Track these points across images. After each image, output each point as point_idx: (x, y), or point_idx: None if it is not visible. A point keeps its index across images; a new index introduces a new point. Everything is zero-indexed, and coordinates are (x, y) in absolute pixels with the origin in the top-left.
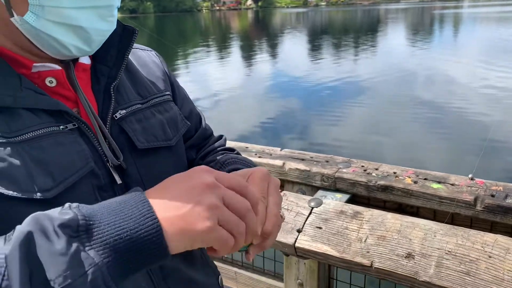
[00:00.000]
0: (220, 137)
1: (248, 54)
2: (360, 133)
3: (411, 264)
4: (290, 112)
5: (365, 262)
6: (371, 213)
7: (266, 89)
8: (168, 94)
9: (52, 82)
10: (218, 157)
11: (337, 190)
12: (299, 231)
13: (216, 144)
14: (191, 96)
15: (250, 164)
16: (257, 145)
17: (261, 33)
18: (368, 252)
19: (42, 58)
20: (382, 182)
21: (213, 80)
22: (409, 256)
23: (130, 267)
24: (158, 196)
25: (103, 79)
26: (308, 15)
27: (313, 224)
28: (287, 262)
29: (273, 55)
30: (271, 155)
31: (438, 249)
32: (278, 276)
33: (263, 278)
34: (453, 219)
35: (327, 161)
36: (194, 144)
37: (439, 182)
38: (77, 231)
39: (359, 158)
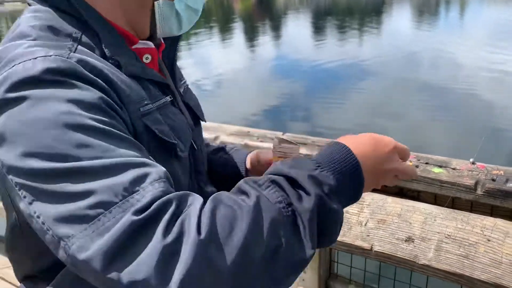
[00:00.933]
0: None
1: (251, 36)
2: (363, 117)
3: (410, 248)
4: (293, 96)
5: (365, 245)
6: (372, 197)
7: (269, 72)
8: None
9: (148, 58)
10: (220, 145)
11: None
12: None
13: None
14: (193, 79)
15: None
16: (259, 130)
17: (264, 15)
18: (368, 235)
19: (140, 37)
20: None
21: (215, 63)
22: (409, 239)
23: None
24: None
25: (166, 60)
26: None
27: None
28: None
29: (276, 37)
30: (273, 139)
31: (438, 233)
32: None
33: None
34: (454, 203)
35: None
36: None
37: (440, 167)
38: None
39: None
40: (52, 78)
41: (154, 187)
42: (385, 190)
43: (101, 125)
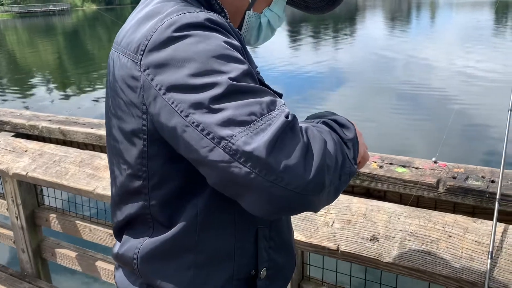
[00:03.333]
0: None
1: None
2: None
3: (375, 247)
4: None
5: (332, 246)
6: (337, 198)
7: None
8: None
9: None
10: None
11: None
12: None
13: None
14: None
15: None
16: None
17: None
18: (334, 236)
19: None
20: None
21: None
22: (373, 238)
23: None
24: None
25: None
26: None
27: None
28: None
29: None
30: None
31: (402, 231)
32: None
33: None
34: (419, 202)
35: None
36: None
37: (404, 166)
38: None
39: None
40: (212, 25)
41: (285, 107)
42: (352, 191)
43: (245, 61)
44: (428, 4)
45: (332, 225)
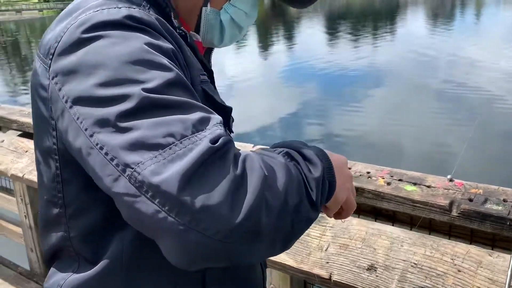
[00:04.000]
0: None
1: (263, 41)
2: (374, 122)
3: (372, 278)
4: (305, 101)
5: (324, 274)
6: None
7: (281, 77)
8: None
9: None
10: None
11: None
12: None
13: None
14: None
15: None
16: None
17: (277, 20)
18: (327, 262)
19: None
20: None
21: (227, 69)
22: (371, 268)
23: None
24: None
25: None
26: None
27: None
28: None
29: (289, 42)
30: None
31: (404, 260)
32: None
33: None
34: (431, 224)
35: None
36: None
37: (414, 184)
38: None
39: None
40: (133, 24)
41: (218, 128)
42: (359, 208)
43: (172, 68)
44: (473, 0)
45: (327, 249)
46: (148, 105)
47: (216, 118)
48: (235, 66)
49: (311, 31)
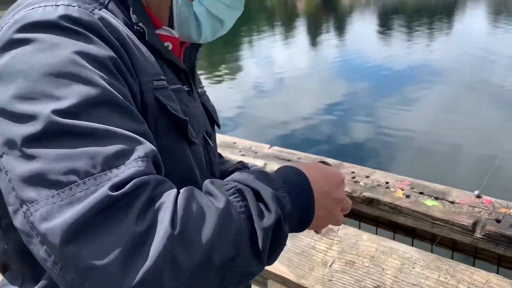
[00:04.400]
0: None
1: (314, 36)
2: (428, 122)
3: None
4: (356, 97)
5: None
6: (345, 231)
7: (332, 73)
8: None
9: (169, 46)
10: (237, 164)
11: None
12: None
13: None
14: (253, 79)
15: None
16: (245, 140)
17: (329, 14)
18: (330, 280)
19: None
20: (367, 194)
21: (277, 63)
22: None
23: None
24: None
25: (186, 59)
26: None
27: None
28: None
29: (341, 37)
30: (256, 153)
31: (414, 285)
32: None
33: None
34: (455, 244)
35: None
36: None
37: (436, 198)
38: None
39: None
40: (69, 26)
41: (138, 165)
42: (377, 220)
43: (102, 84)
44: None
45: (331, 265)
46: (55, 131)
47: (139, 150)
48: (283, 59)
49: (362, 25)
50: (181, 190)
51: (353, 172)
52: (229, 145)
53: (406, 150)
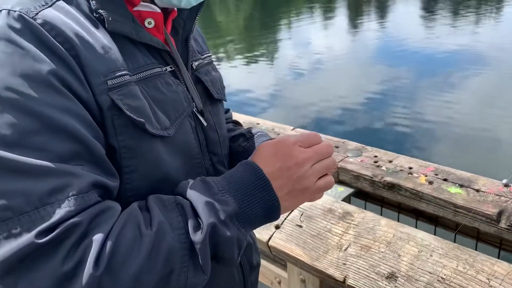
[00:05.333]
0: (228, 110)
1: (354, 18)
2: (471, 110)
3: (390, 287)
4: (397, 82)
5: (338, 275)
6: (363, 215)
7: (371, 57)
8: (211, 56)
9: (151, 23)
10: (243, 129)
11: (340, 182)
12: (277, 227)
13: (226, 115)
14: (290, 61)
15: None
16: (268, 121)
17: None
18: (344, 264)
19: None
20: (389, 179)
21: (315, 45)
22: (391, 276)
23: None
24: (268, 171)
25: (180, 30)
26: None
27: (294, 220)
28: None
29: (382, 19)
30: (278, 134)
31: (430, 273)
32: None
33: (272, 267)
34: (479, 233)
35: (337, 147)
36: None
37: (461, 186)
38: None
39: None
40: (8, 40)
41: (69, 204)
42: (399, 207)
43: (40, 109)
44: None
45: (346, 249)
46: None
47: (73, 186)
48: (321, 42)
49: (405, 8)
50: (119, 217)
51: (376, 156)
52: (253, 125)
53: (439, 138)
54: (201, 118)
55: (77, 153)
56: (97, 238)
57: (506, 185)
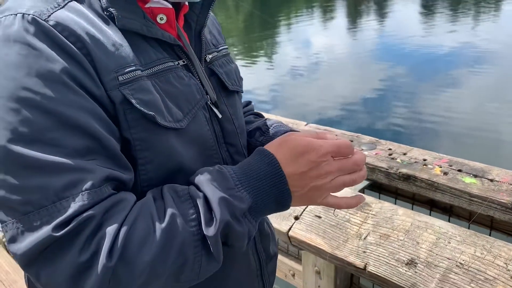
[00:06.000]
0: (249, 102)
1: (353, 17)
2: (471, 108)
3: (410, 273)
4: (396, 81)
5: (358, 263)
6: (380, 205)
7: (370, 56)
8: (227, 48)
9: (163, 19)
10: (259, 122)
11: None
12: (296, 218)
13: (247, 108)
14: (290, 61)
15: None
16: (282, 118)
17: None
18: (364, 252)
19: None
20: (404, 170)
21: (314, 45)
22: (410, 263)
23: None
24: (286, 167)
25: (193, 24)
26: None
27: (313, 211)
28: None
29: (381, 18)
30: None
31: (449, 259)
32: (301, 259)
33: (285, 260)
34: (493, 222)
35: (351, 141)
36: None
37: (475, 176)
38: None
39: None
40: (24, 42)
41: (83, 198)
42: (413, 198)
43: (54, 107)
44: None
45: (366, 238)
46: (7, 161)
47: (89, 180)
48: (322, 41)
49: (404, 6)
50: (132, 209)
51: (390, 149)
52: None
53: (448, 133)
54: (215, 109)
55: (91, 148)
56: (110, 230)
57: None
